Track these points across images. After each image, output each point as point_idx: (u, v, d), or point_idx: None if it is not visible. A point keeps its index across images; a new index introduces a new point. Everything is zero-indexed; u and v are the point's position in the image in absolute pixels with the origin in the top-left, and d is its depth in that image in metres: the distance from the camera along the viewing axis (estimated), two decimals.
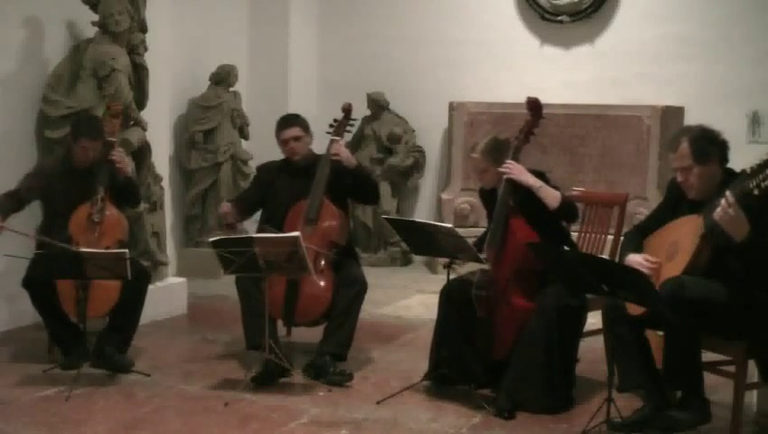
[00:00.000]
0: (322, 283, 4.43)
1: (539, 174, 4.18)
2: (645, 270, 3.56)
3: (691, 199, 3.62)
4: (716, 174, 3.56)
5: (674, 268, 3.50)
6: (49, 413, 3.89)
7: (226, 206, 4.68)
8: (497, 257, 4.06)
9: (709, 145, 3.56)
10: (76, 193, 4.56)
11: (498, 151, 4.19)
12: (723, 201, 3.26)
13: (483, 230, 4.38)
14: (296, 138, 4.63)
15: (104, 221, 4.52)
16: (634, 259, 3.65)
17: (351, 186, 4.63)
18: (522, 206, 4.10)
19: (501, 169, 4.11)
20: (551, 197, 4.05)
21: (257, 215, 4.83)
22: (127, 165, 4.77)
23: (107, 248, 4.45)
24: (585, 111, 7.13)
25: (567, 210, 4.14)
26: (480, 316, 4.03)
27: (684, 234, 3.54)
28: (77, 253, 4.14)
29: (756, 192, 3.21)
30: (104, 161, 4.57)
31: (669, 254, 3.58)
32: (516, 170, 4.08)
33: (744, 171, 3.31)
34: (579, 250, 4.43)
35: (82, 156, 4.60)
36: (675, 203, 3.75)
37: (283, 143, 4.67)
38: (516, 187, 4.10)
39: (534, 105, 4.23)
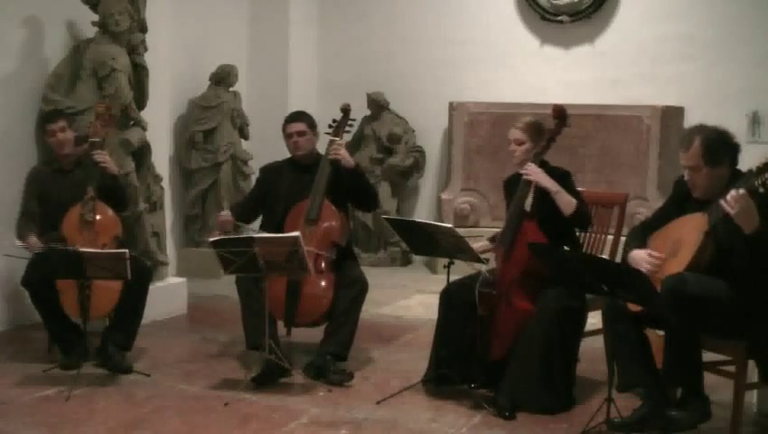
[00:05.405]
0: (322, 284, 4.43)
1: (565, 174, 4.20)
2: (649, 266, 3.57)
3: (697, 198, 3.62)
4: (724, 175, 3.55)
5: (677, 265, 3.50)
6: (49, 413, 3.89)
7: (226, 215, 4.67)
8: (505, 257, 4.07)
9: (721, 148, 3.55)
10: (67, 195, 4.58)
11: (538, 132, 4.20)
12: (732, 192, 3.26)
13: (495, 230, 4.36)
14: (300, 133, 4.66)
15: (96, 220, 4.52)
16: (638, 255, 3.65)
17: (349, 190, 4.63)
18: (538, 209, 4.12)
19: (522, 171, 4.13)
20: (566, 204, 4.06)
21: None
22: (111, 163, 4.71)
23: (105, 245, 4.46)
24: (585, 111, 7.12)
25: (580, 218, 4.14)
26: (481, 313, 4.02)
27: (687, 231, 3.54)
28: (77, 253, 4.14)
29: (762, 189, 3.22)
30: (91, 162, 4.58)
31: (673, 251, 3.58)
32: (535, 173, 4.09)
33: (750, 170, 3.31)
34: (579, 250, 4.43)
35: (56, 144, 4.63)
36: (681, 202, 3.75)
37: (287, 137, 4.70)
38: (535, 191, 4.11)
39: (560, 113, 4.20)
